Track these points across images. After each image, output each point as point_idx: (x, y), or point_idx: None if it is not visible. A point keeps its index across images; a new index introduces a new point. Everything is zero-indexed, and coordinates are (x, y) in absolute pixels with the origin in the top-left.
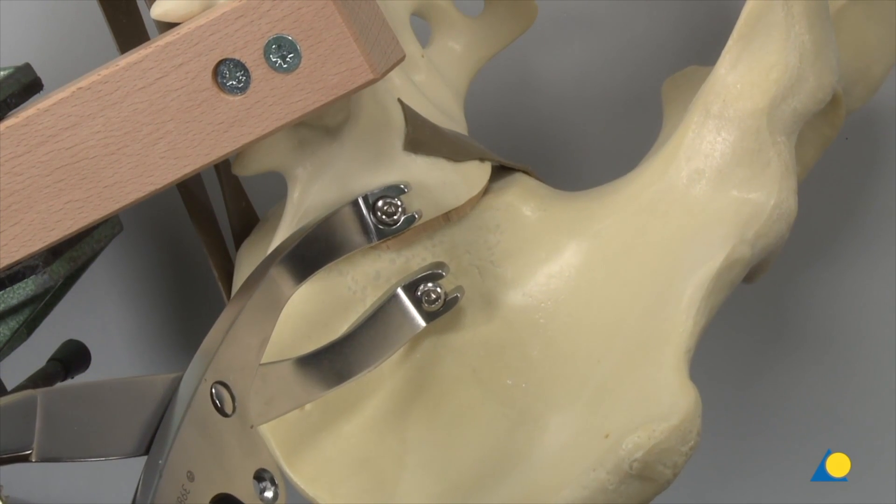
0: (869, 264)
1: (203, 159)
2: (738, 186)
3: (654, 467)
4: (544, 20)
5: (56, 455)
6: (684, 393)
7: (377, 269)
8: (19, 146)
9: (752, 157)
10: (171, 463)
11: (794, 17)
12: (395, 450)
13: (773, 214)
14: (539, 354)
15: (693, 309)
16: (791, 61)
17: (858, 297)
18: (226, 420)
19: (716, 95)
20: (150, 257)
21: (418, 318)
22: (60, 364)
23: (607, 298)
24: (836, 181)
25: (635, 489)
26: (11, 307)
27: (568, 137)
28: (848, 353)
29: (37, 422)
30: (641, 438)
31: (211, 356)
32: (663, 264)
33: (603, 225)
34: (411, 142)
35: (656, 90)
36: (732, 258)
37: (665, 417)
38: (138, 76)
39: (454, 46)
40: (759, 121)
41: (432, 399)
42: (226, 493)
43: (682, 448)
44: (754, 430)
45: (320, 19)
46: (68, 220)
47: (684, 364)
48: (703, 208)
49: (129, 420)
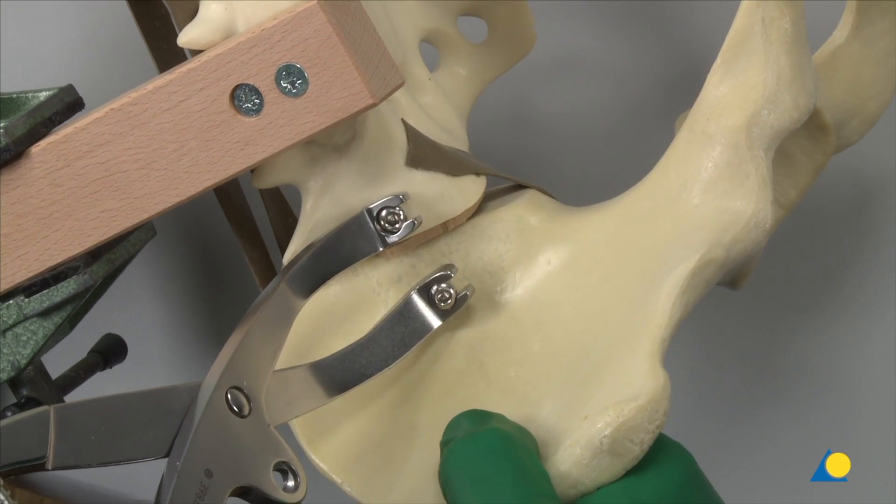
0: (869, 263)
1: (222, 174)
2: (721, 197)
3: (623, 443)
4: (542, 61)
5: (73, 462)
6: (654, 376)
7: (399, 273)
8: (59, 160)
9: (732, 170)
10: (188, 462)
11: (772, 43)
12: (405, 433)
13: (751, 223)
14: (538, 349)
15: (669, 304)
16: (769, 82)
17: (858, 296)
18: (242, 421)
19: (701, 114)
20: (182, 259)
21: (433, 318)
22: (100, 355)
23: (600, 297)
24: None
25: (606, 464)
26: (55, 304)
27: (562, 169)
28: (849, 353)
29: (51, 434)
30: (611, 416)
31: (226, 364)
32: (650, 267)
33: (601, 233)
34: (412, 158)
35: (646, 124)
36: (706, 258)
37: (634, 398)
38: (164, 99)
39: (459, 70)
40: (739, 136)
41: (443, 388)
42: (246, 486)
43: (649, 426)
44: (754, 429)
45: (325, 49)
46: (103, 228)
47: (658, 352)
48: (688, 217)
49: (148, 427)
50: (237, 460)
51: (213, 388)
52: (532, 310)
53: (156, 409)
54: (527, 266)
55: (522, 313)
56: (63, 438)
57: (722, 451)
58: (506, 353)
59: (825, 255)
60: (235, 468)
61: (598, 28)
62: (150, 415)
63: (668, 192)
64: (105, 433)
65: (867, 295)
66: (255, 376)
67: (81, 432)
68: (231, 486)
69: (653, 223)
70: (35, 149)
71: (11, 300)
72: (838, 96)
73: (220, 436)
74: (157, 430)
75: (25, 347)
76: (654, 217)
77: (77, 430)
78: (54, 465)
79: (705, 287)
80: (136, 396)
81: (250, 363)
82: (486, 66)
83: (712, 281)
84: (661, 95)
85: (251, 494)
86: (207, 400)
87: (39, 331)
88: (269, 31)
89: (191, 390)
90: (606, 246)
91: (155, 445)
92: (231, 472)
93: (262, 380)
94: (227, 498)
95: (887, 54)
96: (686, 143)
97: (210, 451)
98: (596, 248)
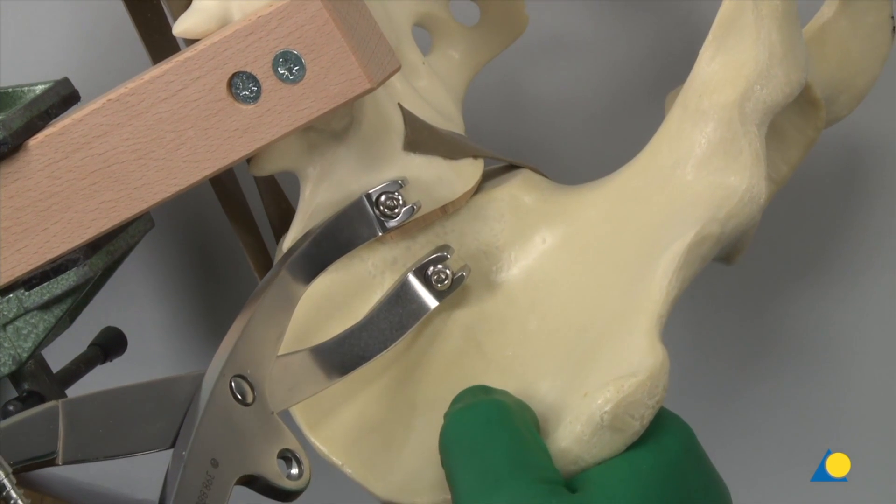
0: (869, 263)
1: (221, 162)
2: (715, 173)
3: (623, 418)
4: (533, 44)
5: (82, 457)
6: (653, 352)
7: (394, 255)
8: (57, 153)
9: (726, 146)
10: (193, 453)
11: (763, 18)
12: (405, 414)
13: (745, 197)
14: (535, 328)
15: (666, 280)
16: (761, 58)
17: (859, 297)
18: (246, 409)
19: (693, 91)
20: (180, 251)
21: (430, 299)
22: (100, 348)
23: (596, 276)
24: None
25: (607, 439)
26: (56, 296)
27: (554, 150)
28: (848, 353)
29: (60, 429)
30: (611, 392)
31: (229, 353)
32: (645, 244)
33: (595, 211)
34: (410, 142)
35: (637, 106)
36: (702, 234)
37: (634, 374)
38: (161, 88)
39: (453, 54)
40: (732, 112)
41: (442, 368)
42: (251, 474)
43: (649, 401)
44: (754, 429)
45: (322, 35)
46: (103, 219)
47: (656, 328)
48: (682, 193)
49: (154, 418)
50: (242, 449)
51: (217, 378)
52: (528, 289)
53: (160, 400)
54: (522, 245)
55: (518, 293)
56: (72, 433)
57: (721, 451)
58: (503, 332)
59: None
60: (241, 457)
61: (590, 10)
62: (155, 406)
63: (662, 170)
64: (112, 426)
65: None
66: (258, 364)
67: (89, 426)
68: (237, 475)
69: (647, 200)
70: (33, 142)
71: (12, 293)
72: (827, 71)
73: (225, 425)
74: (162, 421)
75: (26, 341)
76: (648, 194)
77: (85, 424)
78: (64, 460)
79: (701, 263)
80: (141, 388)
81: (253, 351)
82: (479, 49)
83: (708, 256)
84: (652, 77)
85: (257, 483)
86: (211, 389)
87: (40, 324)
88: (266, 18)
89: (194, 380)
90: (601, 224)
91: (160, 437)
92: (236, 461)
93: (266, 367)
94: (233, 487)
95: (875, 28)
96: (679, 120)
97: (215, 440)
98: (591, 227)
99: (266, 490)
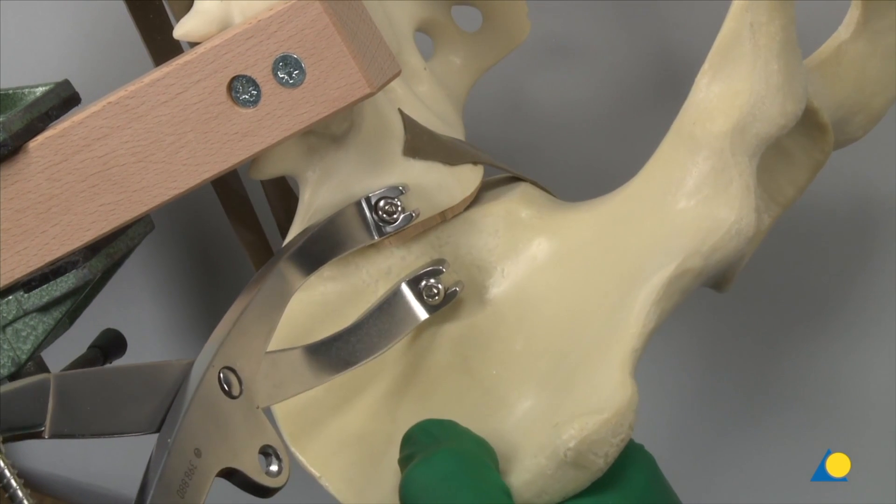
0: (868, 263)
1: (221, 165)
2: (704, 202)
3: (587, 456)
4: (535, 50)
5: (68, 432)
6: (623, 388)
7: (389, 265)
8: (56, 155)
9: (716, 176)
10: (178, 441)
11: (760, 48)
12: (386, 428)
13: (732, 230)
14: (521, 348)
15: (643, 313)
16: (756, 89)
17: (858, 295)
18: (233, 402)
19: (688, 117)
20: (180, 253)
21: (420, 310)
22: (100, 350)
23: (581, 299)
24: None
25: (570, 476)
26: (55, 299)
27: (555, 155)
28: (848, 353)
29: (49, 402)
30: (575, 429)
31: (220, 344)
32: (629, 271)
33: (589, 232)
34: (410, 147)
35: (638, 112)
36: (683, 268)
37: (600, 410)
38: (161, 91)
39: (454, 59)
40: (723, 142)
41: (426, 384)
42: (232, 468)
43: (613, 440)
44: (754, 429)
45: (322, 39)
46: (102, 222)
47: (629, 362)
48: (671, 221)
49: (142, 401)
50: (225, 441)
51: (207, 368)
52: (517, 307)
53: (149, 383)
54: (514, 261)
55: (507, 310)
56: (61, 407)
57: (722, 451)
58: (489, 349)
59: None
60: (223, 449)
61: (592, 15)
62: (144, 389)
63: (654, 195)
64: (101, 404)
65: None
66: (247, 358)
67: (79, 402)
68: (218, 466)
69: (636, 226)
70: (33, 144)
71: (11, 295)
72: (842, 92)
73: (210, 416)
74: (150, 405)
75: (25, 343)
76: (639, 219)
77: (75, 399)
78: (51, 433)
79: (681, 296)
80: (131, 370)
81: (244, 344)
82: (480, 55)
83: (689, 290)
84: (653, 85)
85: (236, 477)
86: (200, 379)
87: (39, 326)
88: (266, 21)
89: (184, 367)
90: (592, 245)
91: (147, 420)
92: (219, 453)
93: (255, 361)
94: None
95: (894, 50)
96: (672, 146)
97: (200, 430)
98: (581, 248)
99: (244, 485)
